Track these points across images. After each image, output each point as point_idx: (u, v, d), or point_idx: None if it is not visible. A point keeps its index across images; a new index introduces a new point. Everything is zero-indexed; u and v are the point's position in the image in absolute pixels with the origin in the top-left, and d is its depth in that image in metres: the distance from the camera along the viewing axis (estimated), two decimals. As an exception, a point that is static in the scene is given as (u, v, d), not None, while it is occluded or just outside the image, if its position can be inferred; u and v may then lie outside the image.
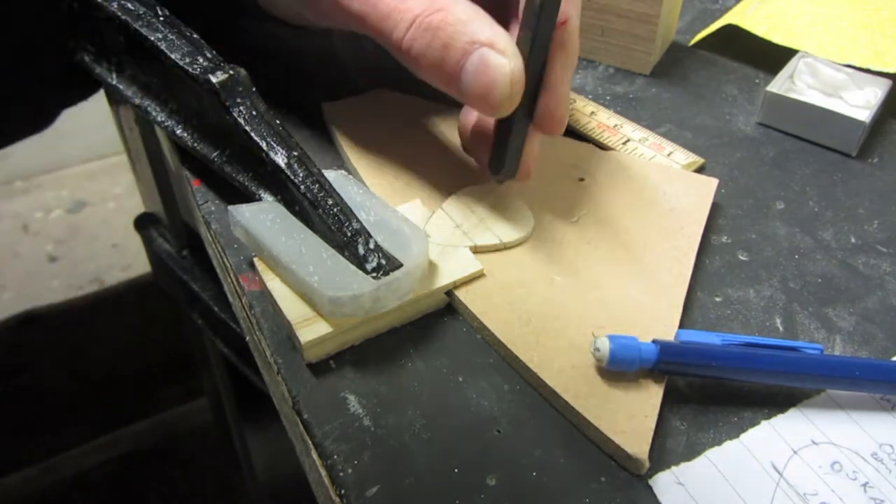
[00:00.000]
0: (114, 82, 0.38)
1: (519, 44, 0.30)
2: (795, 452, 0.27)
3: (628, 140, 0.40)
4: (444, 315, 0.31)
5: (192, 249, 0.73)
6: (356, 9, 0.31)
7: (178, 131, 0.36)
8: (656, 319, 0.30)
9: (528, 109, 0.31)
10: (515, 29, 0.32)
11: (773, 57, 0.45)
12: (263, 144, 0.31)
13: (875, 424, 0.28)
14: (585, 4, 0.46)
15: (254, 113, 0.32)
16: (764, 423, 0.28)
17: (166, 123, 0.36)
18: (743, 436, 0.27)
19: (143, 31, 0.34)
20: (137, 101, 0.37)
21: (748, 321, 0.31)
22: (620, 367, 0.27)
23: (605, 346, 0.27)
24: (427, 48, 0.29)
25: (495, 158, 0.33)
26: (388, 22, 0.30)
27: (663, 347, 0.27)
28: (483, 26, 0.29)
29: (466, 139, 0.35)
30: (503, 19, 0.32)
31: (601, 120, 0.41)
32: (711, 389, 0.29)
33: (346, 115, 0.40)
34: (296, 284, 0.29)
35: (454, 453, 0.26)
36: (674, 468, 0.26)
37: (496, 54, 0.28)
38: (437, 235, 0.33)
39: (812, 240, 0.36)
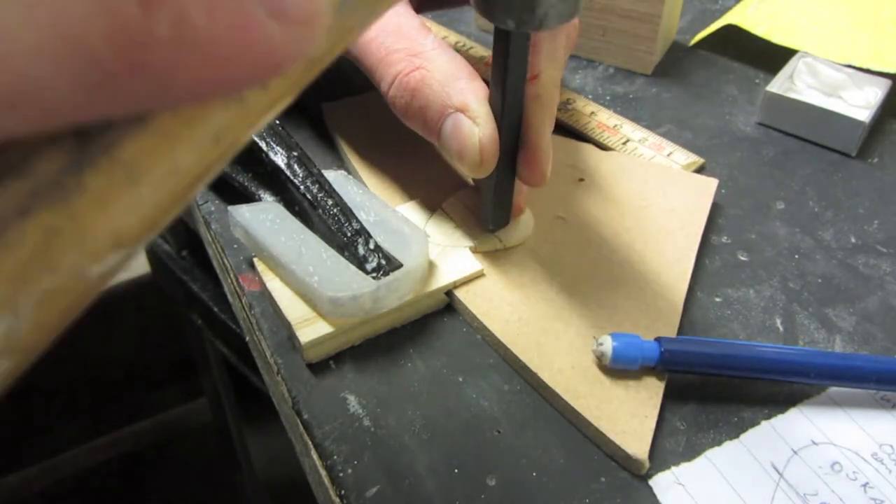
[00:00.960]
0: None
1: (492, 101, 0.29)
2: (795, 452, 0.27)
3: (628, 140, 0.40)
4: (444, 315, 0.31)
5: (192, 249, 0.73)
6: (353, 51, 0.32)
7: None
8: (656, 319, 0.30)
9: (510, 164, 0.31)
10: None
11: (773, 57, 0.45)
12: (263, 144, 0.31)
13: (875, 424, 0.28)
14: (587, 4, 0.46)
15: (254, 113, 0.32)
16: (764, 423, 0.28)
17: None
18: (743, 436, 0.27)
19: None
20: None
21: (748, 321, 0.31)
22: (623, 365, 0.28)
23: (608, 343, 0.27)
24: (407, 106, 0.30)
25: (483, 213, 0.33)
26: (375, 73, 0.31)
27: (665, 344, 0.27)
28: (458, 88, 0.29)
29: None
30: None
31: (601, 120, 0.41)
32: (711, 389, 0.29)
33: (346, 115, 0.40)
34: (296, 284, 0.29)
35: (454, 453, 0.26)
36: (674, 468, 0.26)
37: (467, 122, 0.29)
38: (437, 235, 0.33)
39: (812, 240, 0.36)
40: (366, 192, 0.32)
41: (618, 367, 0.28)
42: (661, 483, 0.26)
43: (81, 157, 0.10)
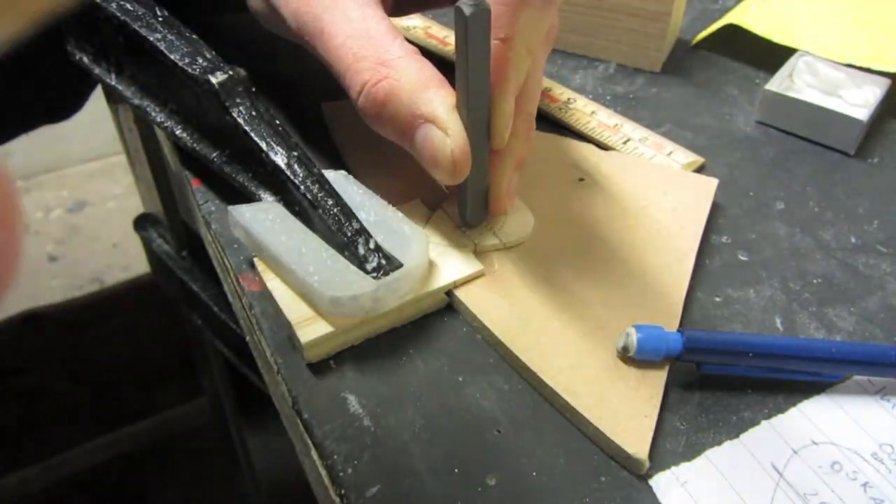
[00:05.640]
0: (113, 83, 0.38)
1: (457, 91, 0.28)
2: (795, 452, 0.27)
3: (628, 140, 0.40)
4: (444, 315, 0.31)
5: (192, 250, 0.73)
6: (323, 58, 0.32)
7: (178, 132, 0.36)
8: (657, 319, 0.30)
9: (481, 158, 0.30)
10: None
11: (774, 56, 0.45)
12: (263, 144, 0.31)
13: (875, 424, 0.28)
14: (595, 4, 0.46)
15: (253, 113, 0.32)
16: (764, 423, 0.28)
17: (166, 124, 0.36)
18: (743, 436, 0.27)
19: (143, 31, 0.34)
20: (137, 101, 0.37)
21: (748, 321, 0.31)
22: (648, 357, 0.28)
23: (633, 335, 0.28)
24: (377, 117, 0.30)
25: (460, 210, 0.32)
26: (343, 80, 0.31)
27: (689, 336, 0.28)
28: (426, 98, 0.29)
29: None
30: None
31: (601, 119, 0.41)
32: (711, 390, 0.29)
33: (346, 115, 0.40)
34: (296, 284, 0.29)
35: (454, 453, 0.26)
36: (674, 468, 0.26)
37: (438, 133, 0.28)
38: (437, 235, 0.33)
39: (812, 240, 0.36)
40: (366, 192, 0.32)
41: (643, 359, 0.28)
42: (661, 483, 0.26)
43: None
